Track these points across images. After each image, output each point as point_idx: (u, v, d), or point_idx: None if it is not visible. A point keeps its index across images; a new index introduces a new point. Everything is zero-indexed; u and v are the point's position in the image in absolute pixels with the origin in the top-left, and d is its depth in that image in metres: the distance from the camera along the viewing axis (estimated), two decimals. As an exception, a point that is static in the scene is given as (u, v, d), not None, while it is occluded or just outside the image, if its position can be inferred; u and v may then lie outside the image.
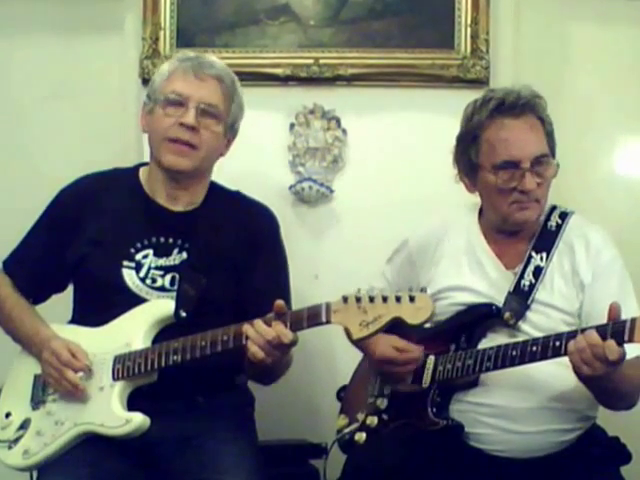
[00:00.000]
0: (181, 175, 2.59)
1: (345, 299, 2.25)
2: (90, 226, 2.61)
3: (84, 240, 2.60)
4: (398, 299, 2.20)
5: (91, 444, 2.47)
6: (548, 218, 2.56)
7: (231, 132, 2.66)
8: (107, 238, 2.59)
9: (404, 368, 2.53)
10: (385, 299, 2.21)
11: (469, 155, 2.53)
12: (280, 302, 2.33)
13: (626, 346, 2.20)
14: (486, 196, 2.56)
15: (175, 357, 2.41)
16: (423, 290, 2.23)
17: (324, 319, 2.27)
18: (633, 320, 2.18)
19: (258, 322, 2.33)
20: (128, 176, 2.69)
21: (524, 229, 2.55)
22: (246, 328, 2.34)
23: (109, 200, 2.64)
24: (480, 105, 2.53)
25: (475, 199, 2.64)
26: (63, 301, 2.72)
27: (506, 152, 2.46)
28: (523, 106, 2.49)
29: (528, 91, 2.51)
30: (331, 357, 3.20)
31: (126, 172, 2.72)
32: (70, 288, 2.69)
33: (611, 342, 2.18)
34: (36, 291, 2.69)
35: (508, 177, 2.46)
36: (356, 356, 2.74)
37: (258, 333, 2.32)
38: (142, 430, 2.43)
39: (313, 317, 2.29)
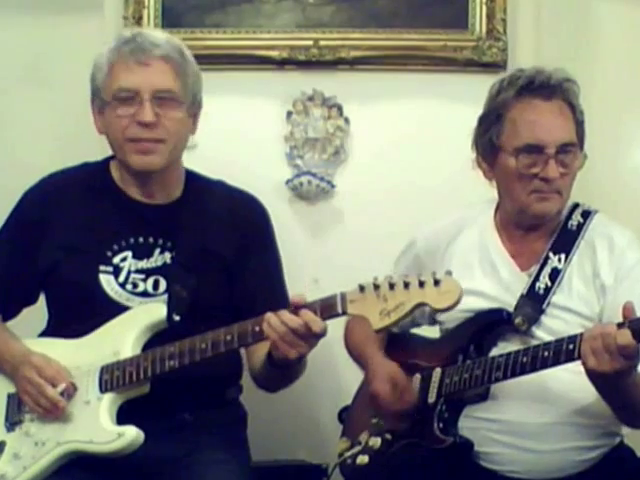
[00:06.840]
0: (153, 173, 2.55)
1: (362, 288, 2.24)
2: (60, 229, 2.58)
3: (54, 245, 2.57)
4: (421, 284, 2.18)
5: (68, 471, 2.44)
6: (569, 217, 2.55)
7: (194, 107, 2.60)
8: (80, 241, 2.56)
9: (394, 410, 2.52)
10: (407, 285, 2.19)
11: (490, 136, 2.52)
12: (297, 297, 2.32)
13: None
14: (504, 183, 2.54)
15: (172, 362, 2.39)
16: (448, 273, 2.20)
17: (340, 310, 2.27)
18: None
19: (282, 311, 2.32)
20: (98, 171, 2.65)
21: (542, 224, 2.54)
22: (268, 316, 2.31)
23: (79, 199, 2.61)
24: (508, 83, 2.52)
25: (491, 194, 2.62)
26: (36, 315, 2.71)
27: (531, 135, 2.46)
28: (554, 88, 2.48)
29: (561, 73, 2.50)
30: (334, 373, 3.19)
31: (96, 167, 2.68)
32: (42, 300, 2.67)
33: (626, 330, 2.16)
34: (6, 306, 2.67)
35: (530, 162, 2.45)
36: (360, 372, 2.72)
37: (282, 322, 2.30)
38: (136, 445, 2.38)
39: (327, 309, 2.28)
